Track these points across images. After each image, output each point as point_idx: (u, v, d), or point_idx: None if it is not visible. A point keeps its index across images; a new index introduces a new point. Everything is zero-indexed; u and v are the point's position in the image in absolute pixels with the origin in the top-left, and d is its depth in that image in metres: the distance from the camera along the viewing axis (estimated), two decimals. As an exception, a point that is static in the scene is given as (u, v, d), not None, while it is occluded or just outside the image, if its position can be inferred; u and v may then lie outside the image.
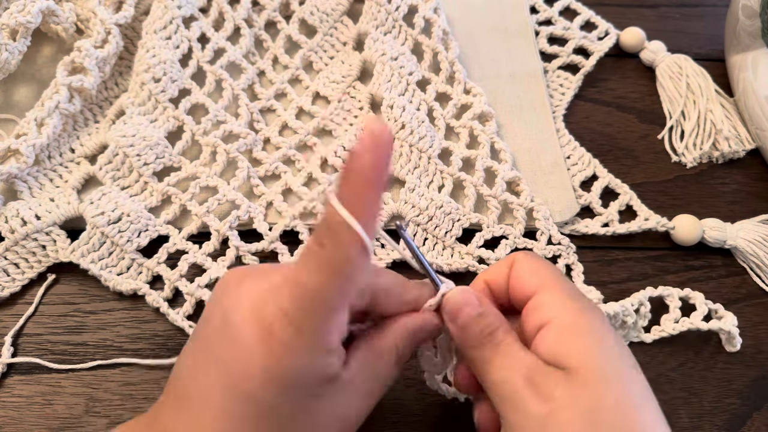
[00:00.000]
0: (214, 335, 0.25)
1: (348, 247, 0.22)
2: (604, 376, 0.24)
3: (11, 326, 0.37)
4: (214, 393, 0.24)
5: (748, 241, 0.41)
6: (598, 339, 0.25)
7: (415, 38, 0.45)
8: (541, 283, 0.27)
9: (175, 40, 0.43)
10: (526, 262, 0.29)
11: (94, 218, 0.38)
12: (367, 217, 0.22)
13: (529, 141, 0.44)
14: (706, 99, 0.46)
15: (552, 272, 0.28)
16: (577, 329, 0.26)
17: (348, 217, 0.22)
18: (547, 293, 0.27)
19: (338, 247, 0.22)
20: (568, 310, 0.26)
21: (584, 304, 0.27)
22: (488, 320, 0.27)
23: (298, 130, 0.44)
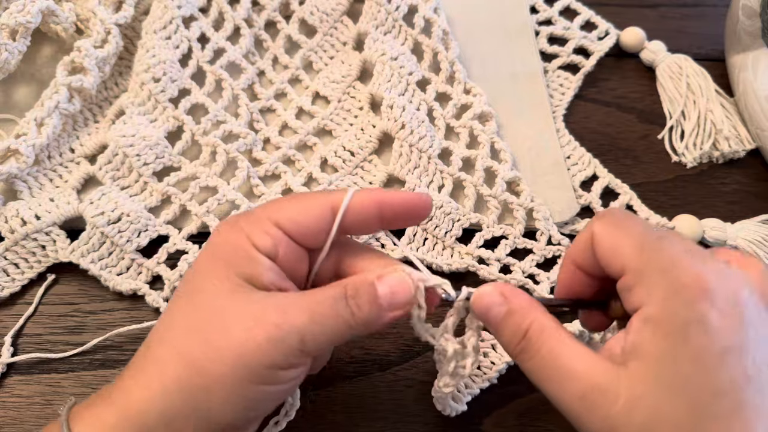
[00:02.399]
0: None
1: (330, 197, 0.28)
2: (675, 376, 0.24)
3: (11, 326, 0.37)
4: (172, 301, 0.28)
5: (748, 242, 0.41)
6: (679, 334, 0.24)
7: (415, 38, 0.45)
8: (627, 263, 0.26)
9: (174, 40, 0.43)
10: (604, 238, 0.27)
11: (93, 218, 0.38)
12: (355, 205, 0.28)
13: (529, 141, 0.44)
14: (706, 99, 0.46)
15: (634, 242, 0.26)
16: (661, 322, 0.24)
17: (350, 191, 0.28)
18: (632, 276, 0.25)
19: (323, 194, 0.28)
20: (654, 298, 0.24)
21: (674, 288, 0.24)
22: (517, 318, 0.27)
23: (298, 130, 0.44)
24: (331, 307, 0.26)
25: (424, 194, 0.29)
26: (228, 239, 0.28)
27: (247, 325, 0.25)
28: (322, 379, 0.36)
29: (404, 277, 0.27)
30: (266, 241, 0.27)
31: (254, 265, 0.27)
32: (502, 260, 0.40)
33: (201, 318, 0.26)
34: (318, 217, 0.28)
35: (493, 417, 0.36)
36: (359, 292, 0.27)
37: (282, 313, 0.26)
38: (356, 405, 0.36)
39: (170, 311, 0.28)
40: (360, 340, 0.38)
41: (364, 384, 0.37)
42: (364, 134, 0.43)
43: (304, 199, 0.29)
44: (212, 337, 0.25)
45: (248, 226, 0.28)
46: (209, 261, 0.28)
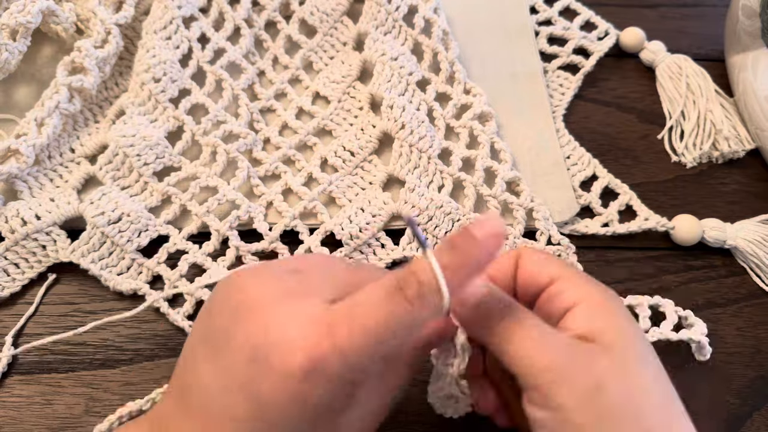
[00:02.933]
0: (237, 350, 0.24)
1: (429, 309, 0.23)
2: (641, 354, 0.25)
3: (12, 326, 0.37)
4: (240, 417, 0.23)
5: (748, 241, 0.41)
6: (626, 318, 0.26)
7: (415, 38, 0.45)
8: (558, 273, 0.27)
9: (175, 40, 0.43)
10: (534, 255, 0.29)
11: (94, 218, 0.38)
12: (454, 292, 0.23)
13: (529, 141, 0.44)
14: (706, 99, 0.46)
15: (563, 263, 0.29)
16: (608, 308, 0.26)
17: (443, 283, 0.23)
18: (567, 280, 0.27)
19: (422, 304, 0.23)
20: (594, 292, 0.27)
21: (604, 288, 0.28)
22: (500, 294, 0.27)
23: (298, 130, 0.44)
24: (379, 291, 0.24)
25: (497, 223, 0.24)
26: (331, 390, 0.23)
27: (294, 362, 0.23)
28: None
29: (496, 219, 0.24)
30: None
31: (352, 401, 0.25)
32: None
33: None
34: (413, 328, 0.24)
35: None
36: (417, 271, 0.23)
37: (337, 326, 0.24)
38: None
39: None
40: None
41: (364, 384, 0.37)
42: (364, 134, 0.43)
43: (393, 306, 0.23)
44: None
45: (360, 374, 0.24)
46: (305, 419, 0.23)
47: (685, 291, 0.40)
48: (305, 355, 0.22)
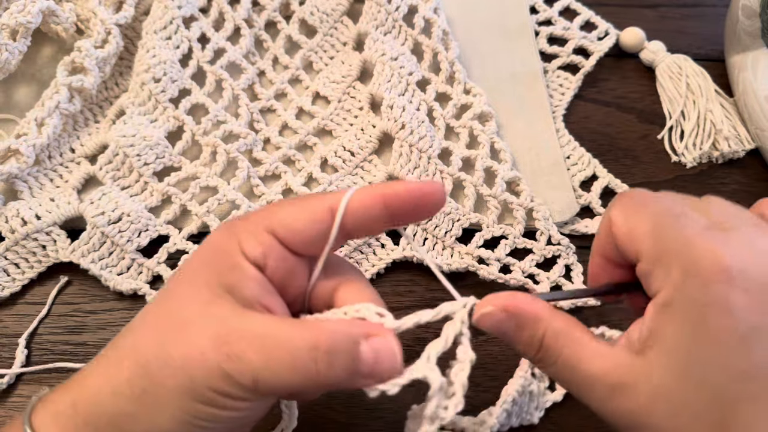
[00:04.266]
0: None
1: (325, 200, 0.26)
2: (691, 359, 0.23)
3: (11, 326, 0.37)
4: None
5: (747, 241, 0.41)
6: (691, 316, 0.23)
7: (415, 38, 0.45)
8: (641, 248, 0.25)
9: (175, 40, 0.43)
10: (621, 222, 0.26)
11: (94, 218, 0.38)
12: (359, 204, 0.26)
13: (529, 141, 0.44)
14: (706, 99, 0.46)
15: (646, 230, 0.25)
16: (672, 306, 0.23)
17: (348, 194, 0.25)
18: (646, 263, 0.24)
19: (319, 197, 0.26)
20: (667, 282, 0.24)
21: (683, 269, 0.23)
22: (527, 331, 0.25)
23: (298, 130, 0.44)
24: (293, 357, 0.23)
25: (433, 181, 0.26)
26: (219, 243, 0.26)
27: (203, 343, 0.23)
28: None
29: (392, 343, 0.24)
30: (256, 249, 0.25)
31: (237, 275, 0.25)
32: (502, 260, 0.40)
33: (167, 323, 0.25)
34: (315, 221, 0.25)
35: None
36: (336, 350, 0.23)
37: (243, 343, 0.23)
38: (356, 405, 0.36)
39: (145, 310, 0.26)
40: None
41: (364, 384, 0.37)
42: (364, 134, 0.43)
43: (301, 202, 0.26)
44: (169, 343, 0.24)
45: (241, 231, 0.26)
46: (194, 265, 0.26)
47: (685, 291, 0.40)
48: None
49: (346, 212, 0.25)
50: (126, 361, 0.25)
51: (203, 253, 0.26)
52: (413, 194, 0.25)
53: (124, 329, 0.26)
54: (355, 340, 0.23)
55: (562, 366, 0.25)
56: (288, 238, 0.25)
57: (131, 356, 0.25)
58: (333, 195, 0.26)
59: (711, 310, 0.22)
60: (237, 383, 0.23)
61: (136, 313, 0.37)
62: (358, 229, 0.26)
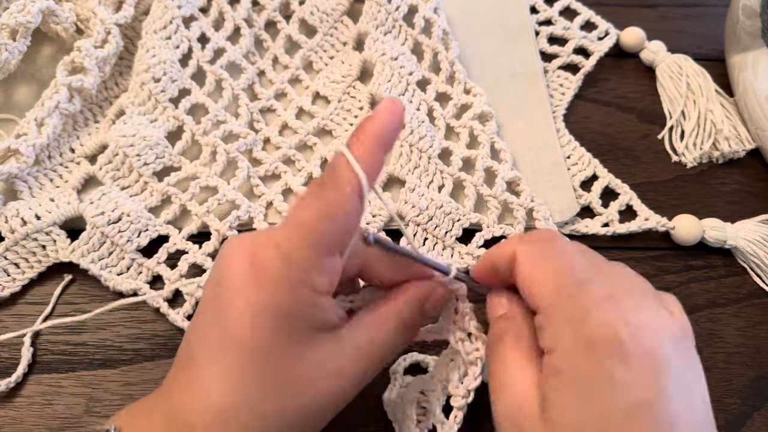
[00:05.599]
0: (210, 292, 0.26)
1: (345, 186, 0.24)
2: None
3: (11, 326, 0.37)
4: (211, 346, 0.24)
5: (748, 241, 0.41)
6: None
7: (415, 38, 0.45)
8: (537, 304, 0.25)
9: (175, 40, 0.43)
10: (525, 266, 0.26)
11: (94, 218, 0.38)
12: (370, 168, 0.24)
13: (529, 141, 0.44)
14: (706, 99, 0.46)
15: (548, 288, 0.25)
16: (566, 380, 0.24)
17: (351, 160, 0.24)
18: (544, 316, 0.25)
19: (337, 185, 0.24)
20: (559, 352, 0.24)
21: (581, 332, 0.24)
22: (496, 328, 0.27)
23: (298, 130, 0.44)
24: (393, 344, 0.28)
25: (392, 102, 0.26)
26: (284, 293, 0.24)
27: (331, 383, 0.26)
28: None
29: (445, 292, 0.29)
30: (324, 282, 0.24)
31: (321, 314, 0.25)
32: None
33: (280, 382, 0.24)
34: (353, 214, 0.24)
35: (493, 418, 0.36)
36: (414, 322, 0.28)
37: (355, 362, 0.26)
38: (356, 405, 0.36)
39: (238, 371, 0.24)
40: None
41: (364, 384, 0.37)
42: (364, 134, 0.43)
43: (329, 203, 0.24)
44: (300, 401, 0.25)
45: (301, 274, 0.24)
46: (269, 319, 0.24)
47: (685, 291, 0.40)
48: (249, 263, 0.24)
49: (366, 164, 0.25)
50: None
51: (270, 307, 0.24)
52: (395, 121, 0.26)
53: (212, 403, 0.24)
54: (422, 306, 0.28)
55: (493, 373, 0.26)
56: (341, 248, 0.25)
57: (262, 423, 0.24)
58: (344, 175, 0.24)
59: (597, 384, 0.22)
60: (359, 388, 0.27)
61: (136, 313, 0.38)
62: (373, 172, 0.25)
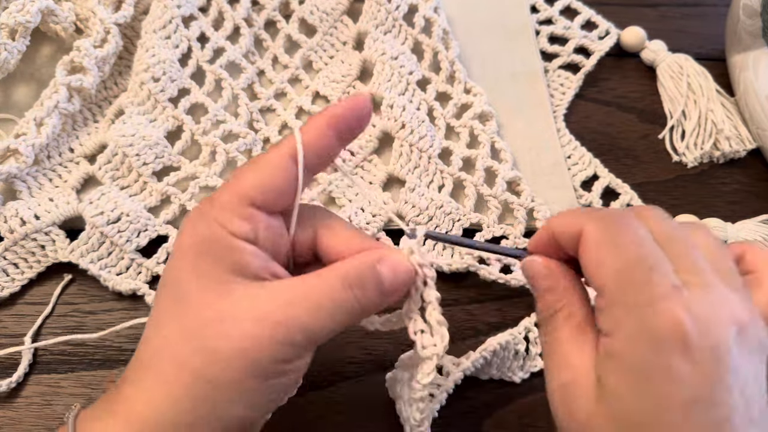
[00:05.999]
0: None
1: (280, 148, 0.27)
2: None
3: (10, 326, 0.37)
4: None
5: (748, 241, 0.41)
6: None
7: (415, 37, 0.45)
8: (601, 286, 0.25)
9: (174, 40, 0.43)
10: (592, 247, 0.25)
11: (93, 218, 0.38)
12: (313, 140, 0.27)
13: (529, 141, 0.44)
14: (707, 99, 0.46)
15: (615, 271, 0.24)
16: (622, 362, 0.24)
17: (295, 130, 0.27)
18: (608, 300, 0.24)
19: (273, 149, 0.27)
20: (619, 336, 0.24)
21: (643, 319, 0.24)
22: (548, 300, 0.27)
23: (297, 130, 0.44)
24: (335, 298, 0.25)
25: (359, 93, 0.28)
26: (203, 233, 0.26)
27: (248, 327, 0.24)
28: (322, 379, 0.36)
29: (403, 258, 0.27)
30: (243, 226, 0.26)
31: (238, 255, 0.25)
32: (503, 260, 0.40)
33: (196, 324, 0.25)
34: (282, 173, 0.26)
35: (493, 418, 0.36)
36: (363, 279, 0.26)
37: (284, 309, 0.25)
38: (356, 405, 0.36)
39: (159, 318, 0.26)
40: (360, 340, 0.38)
41: (364, 384, 0.37)
42: (364, 134, 0.43)
43: (259, 161, 0.27)
44: (213, 343, 0.24)
45: (220, 214, 0.26)
46: (187, 258, 0.26)
47: (686, 291, 0.40)
48: (189, 216, 0.27)
49: (304, 149, 0.27)
50: (172, 375, 0.25)
51: (192, 248, 0.26)
52: (352, 110, 0.27)
53: (144, 350, 0.26)
54: (372, 265, 0.26)
55: (553, 339, 0.27)
56: (265, 200, 0.26)
57: (176, 369, 0.25)
58: (286, 142, 0.27)
59: (656, 374, 0.22)
60: (293, 344, 0.25)
61: (135, 313, 0.38)
62: (318, 162, 0.28)
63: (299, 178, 0.27)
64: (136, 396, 0.25)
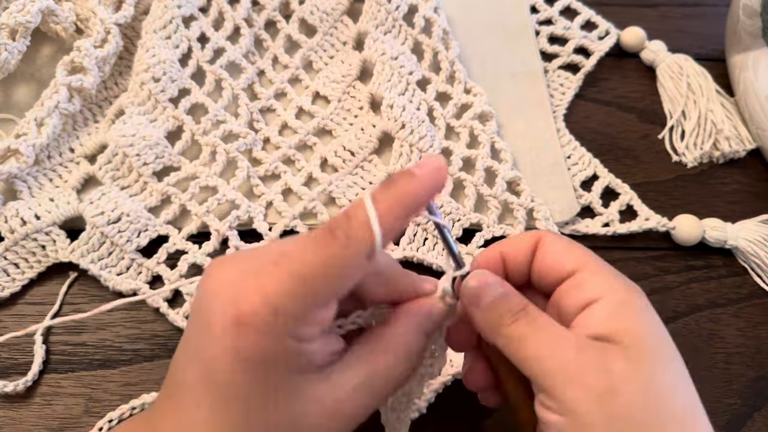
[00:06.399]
0: (192, 325, 0.24)
1: (359, 245, 0.22)
2: (661, 357, 0.24)
3: (11, 326, 0.37)
4: (195, 383, 0.24)
5: (748, 241, 0.41)
6: (650, 318, 0.25)
7: (415, 37, 0.45)
8: (580, 263, 0.26)
9: (174, 40, 0.43)
10: (556, 242, 0.27)
11: (93, 218, 0.38)
12: (389, 228, 0.23)
13: (529, 141, 0.44)
14: (707, 99, 0.46)
15: (587, 252, 0.27)
16: (629, 306, 0.25)
17: (372, 217, 0.22)
18: (589, 272, 0.26)
19: (347, 242, 0.22)
20: (617, 288, 0.26)
21: (629, 283, 0.26)
22: (516, 299, 0.26)
23: (298, 130, 0.44)
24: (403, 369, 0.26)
25: (436, 158, 0.25)
26: (266, 347, 0.22)
27: (321, 423, 0.24)
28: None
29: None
30: (314, 330, 0.23)
31: (307, 356, 0.23)
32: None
33: (259, 427, 0.23)
34: (346, 270, 0.23)
35: (493, 417, 0.36)
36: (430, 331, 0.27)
37: (352, 399, 0.24)
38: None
39: (221, 411, 0.23)
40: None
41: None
42: (364, 134, 0.43)
43: (324, 248, 0.23)
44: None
45: (290, 322, 0.22)
46: (248, 368, 0.23)
47: (685, 291, 0.40)
48: (235, 309, 0.22)
49: (386, 227, 0.23)
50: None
51: (253, 359, 0.23)
52: (438, 180, 0.24)
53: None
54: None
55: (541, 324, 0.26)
56: (335, 297, 0.24)
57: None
58: (360, 235, 0.23)
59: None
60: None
61: (135, 313, 0.38)
62: (395, 237, 0.25)
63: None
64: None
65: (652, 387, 0.23)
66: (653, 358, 0.24)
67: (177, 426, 0.24)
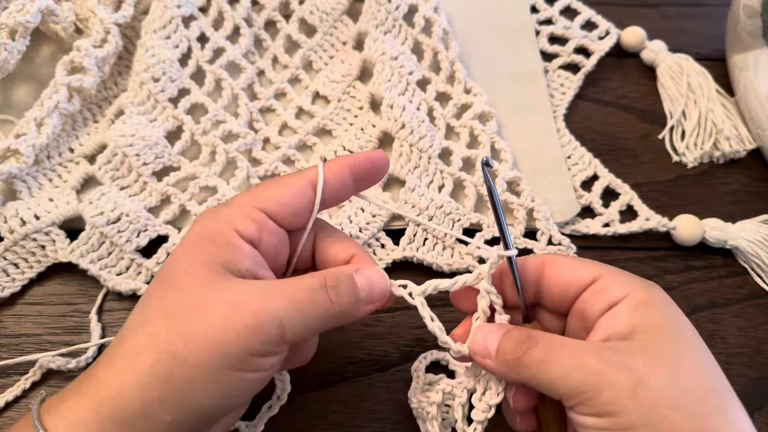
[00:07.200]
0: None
1: (303, 175, 0.30)
2: (682, 343, 0.26)
3: (10, 326, 0.37)
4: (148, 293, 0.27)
5: (749, 242, 0.41)
6: (669, 310, 0.27)
7: (415, 37, 0.45)
8: (598, 271, 0.28)
9: (174, 40, 0.43)
10: (566, 259, 0.30)
11: (93, 218, 0.38)
12: (331, 175, 0.30)
13: (529, 141, 0.44)
14: (707, 99, 0.46)
15: (599, 262, 0.29)
16: (649, 303, 0.27)
17: (319, 162, 0.29)
18: (609, 277, 0.28)
19: (296, 174, 0.30)
20: (637, 287, 0.27)
21: (646, 281, 0.28)
22: (516, 331, 0.28)
23: (297, 130, 0.44)
24: (310, 295, 0.27)
25: (378, 150, 0.31)
26: (208, 227, 0.28)
27: (224, 312, 0.25)
28: (322, 379, 0.36)
29: (381, 271, 0.29)
30: (250, 226, 0.28)
31: (233, 252, 0.27)
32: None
33: (177, 306, 0.26)
34: (299, 195, 0.29)
35: (493, 417, 0.36)
36: (339, 283, 0.28)
37: (261, 299, 0.26)
38: (356, 405, 0.36)
39: (146, 300, 0.27)
40: (359, 340, 0.38)
41: (364, 384, 0.37)
42: (364, 134, 0.43)
43: (282, 181, 0.29)
44: (189, 325, 0.25)
45: (233, 213, 0.28)
46: (187, 249, 0.28)
47: (686, 291, 0.40)
48: (201, 217, 0.28)
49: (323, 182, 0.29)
50: (145, 352, 0.25)
51: (193, 238, 0.28)
52: (371, 161, 0.30)
53: (125, 327, 0.27)
54: (349, 273, 0.28)
55: (549, 343, 0.27)
56: (278, 213, 0.28)
57: (150, 346, 0.25)
58: (309, 171, 0.30)
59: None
60: (266, 336, 0.25)
61: (135, 313, 0.38)
62: (332, 196, 0.30)
63: (316, 202, 0.29)
64: (107, 376, 0.25)
65: (678, 372, 0.25)
66: (675, 347, 0.26)
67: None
